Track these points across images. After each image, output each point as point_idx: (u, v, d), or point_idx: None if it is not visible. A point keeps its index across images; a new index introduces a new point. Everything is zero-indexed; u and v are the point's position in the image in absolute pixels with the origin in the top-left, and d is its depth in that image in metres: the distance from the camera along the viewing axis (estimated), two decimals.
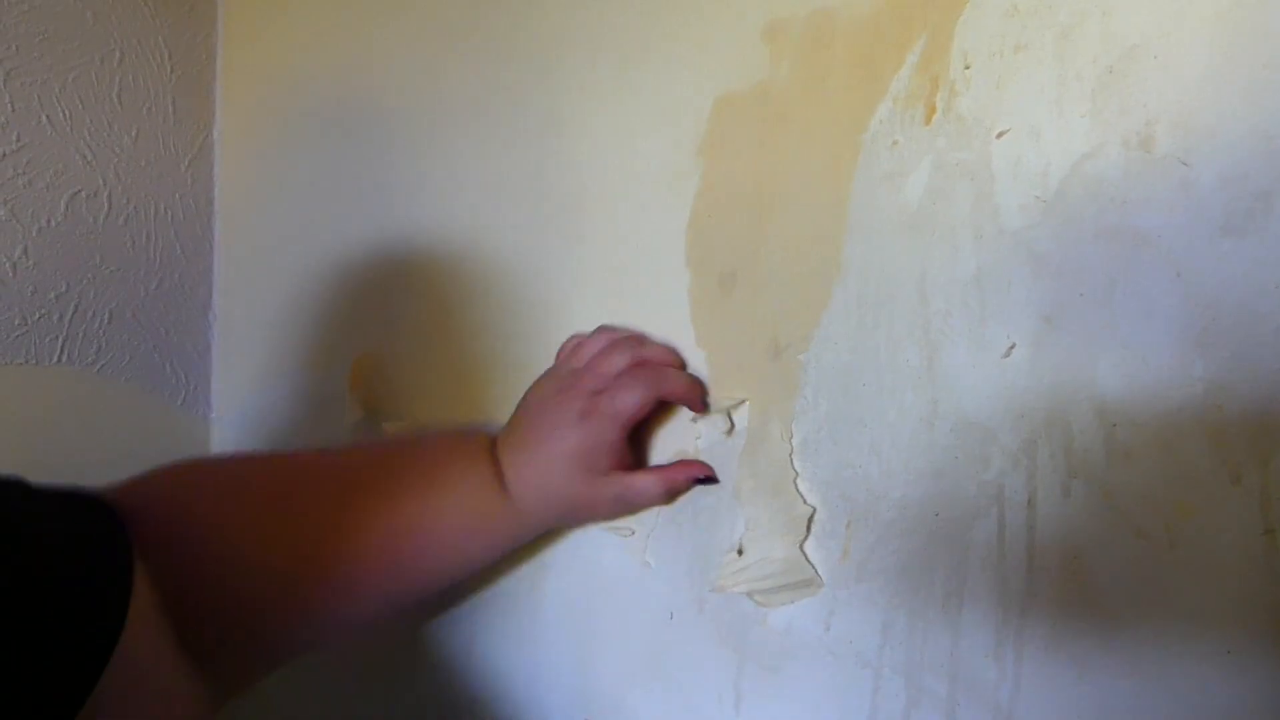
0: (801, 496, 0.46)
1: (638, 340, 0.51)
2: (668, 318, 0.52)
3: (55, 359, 0.71)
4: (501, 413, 0.60)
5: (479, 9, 0.62)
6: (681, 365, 0.51)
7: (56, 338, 0.71)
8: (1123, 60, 0.37)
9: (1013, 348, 0.40)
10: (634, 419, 0.48)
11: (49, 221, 0.68)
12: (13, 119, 0.65)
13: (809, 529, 0.46)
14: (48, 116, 0.67)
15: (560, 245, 0.57)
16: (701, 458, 0.50)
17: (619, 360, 0.50)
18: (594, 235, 0.55)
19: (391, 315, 0.66)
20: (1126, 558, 0.37)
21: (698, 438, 0.50)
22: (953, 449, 0.41)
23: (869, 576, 0.44)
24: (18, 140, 0.65)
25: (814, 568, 0.46)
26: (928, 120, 0.42)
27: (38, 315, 0.69)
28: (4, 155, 0.65)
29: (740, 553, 0.48)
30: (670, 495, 0.51)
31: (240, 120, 0.81)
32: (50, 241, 0.69)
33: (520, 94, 0.60)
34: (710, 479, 0.50)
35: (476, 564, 0.53)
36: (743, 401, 0.49)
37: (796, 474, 0.46)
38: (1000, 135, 0.40)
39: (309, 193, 0.75)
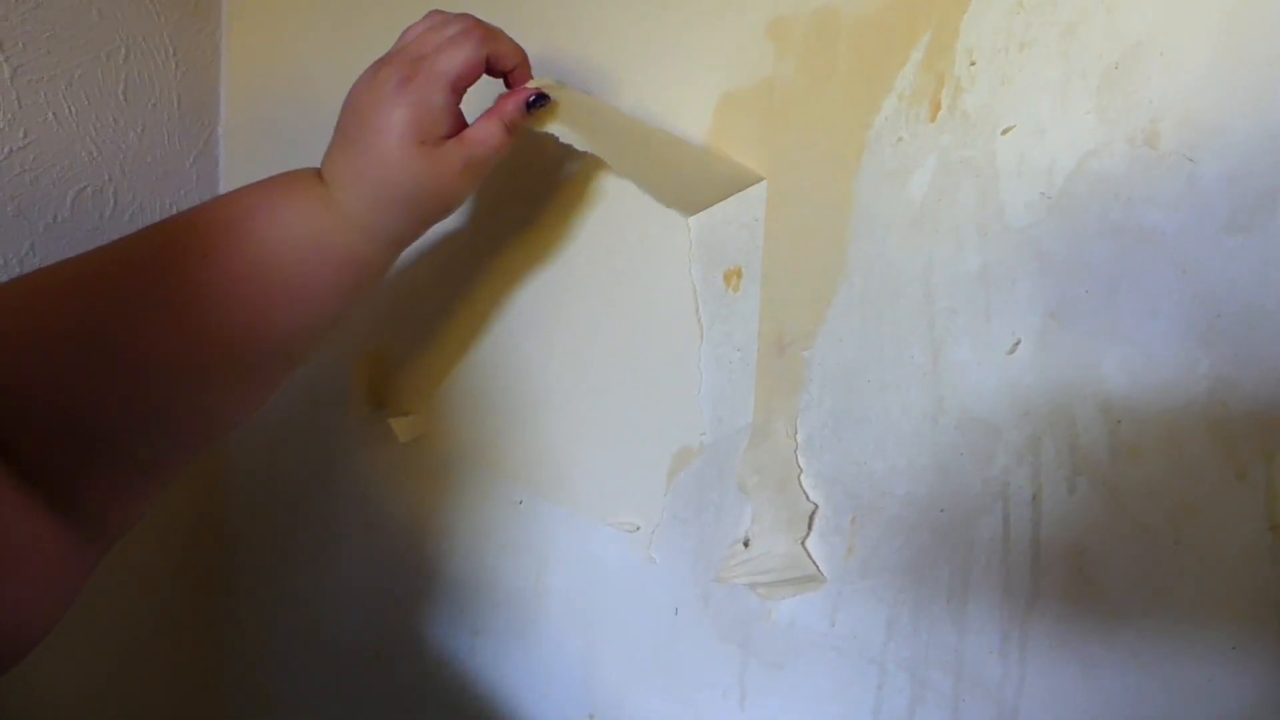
0: (805, 493, 0.46)
1: (472, 18, 0.46)
2: (673, 315, 0.52)
3: None
4: (503, 413, 0.60)
5: (481, 8, 0.62)
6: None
7: None
8: (1128, 57, 0.37)
9: (1018, 344, 0.40)
10: (462, 77, 0.43)
11: (55, 217, 0.68)
12: (19, 115, 0.65)
13: (810, 525, 0.46)
14: (54, 113, 0.67)
15: (564, 243, 0.57)
16: (707, 453, 0.50)
17: (449, 29, 0.45)
18: (598, 232, 0.55)
19: (396, 313, 0.66)
20: (1131, 554, 0.37)
21: (702, 433, 0.50)
22: (957, 445, 0.41)
23: (874, 572, 0.44)
24: (24, 136, 0.65)
25: (815, 564, 0.46)
26: (933, 117, 0.42)
27: None
28: (11, 152, 0.65)
29: (746, 544, 0.48)
30: (510, 128, 0.46)
31: (245, 117, 0.81)
32: (57, 237, 0.69)
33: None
34: (541, 97, 0.45)
35: (327, 305, 0.46)
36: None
37: (800, 470, 0.47)
38: (1005, 132, 0.40)
39: None
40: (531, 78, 0.47)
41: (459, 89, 0.44)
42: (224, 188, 0.82)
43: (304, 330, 0.46)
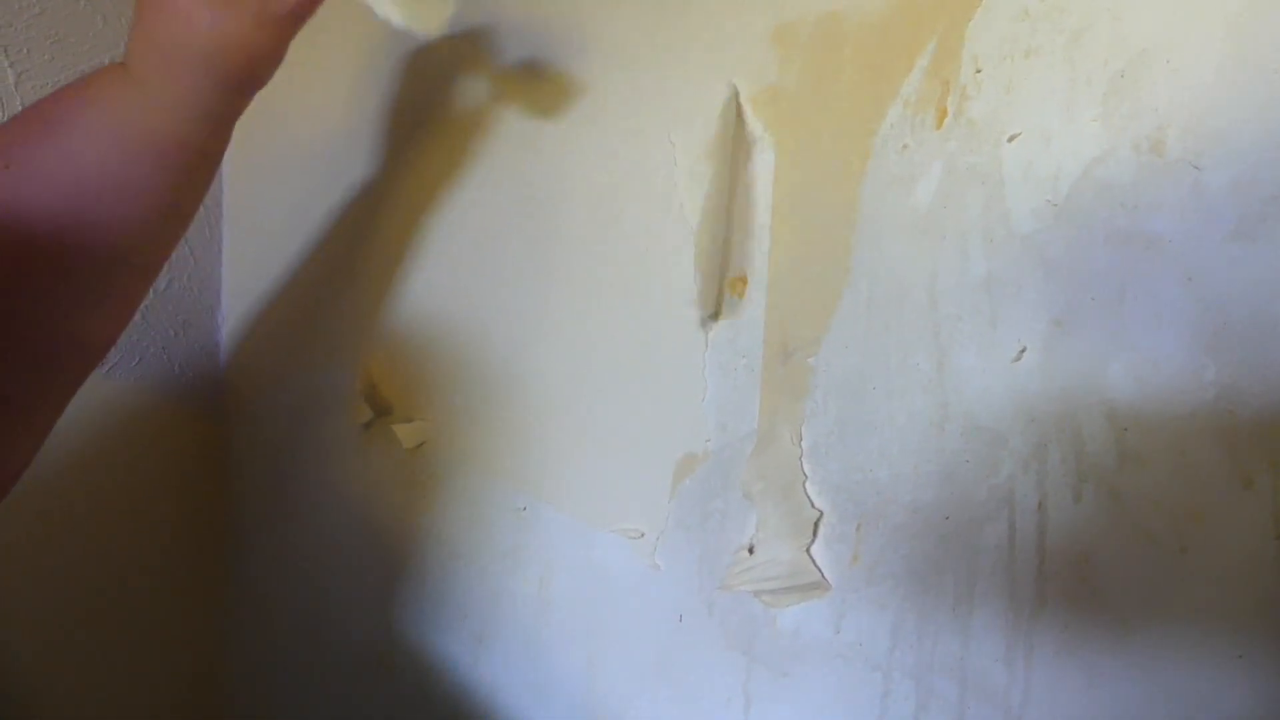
0: (809, 500, 0.46)
1: None
2: (677, 322, 0.52)
3: None
4: (507, 419, 0.60)
5: (487, 9, 0.62)
6: None
7: None
8: (1134, 64, 0.37)
9: (1023, 352, 0.40)
10: None
11: None
12: None
13: (815, 533, 0.46)
14: None
15: (568, 248, 0.57)
16: (711, 460, 0.50)
17: None
18: (603, 238, 0.55)
19: (401, 317, 0.66)
20: (1137, 562, 0.37)
21: (707, 440, 0.50)
22: (963, 453, 0.41)
23: (879, 580, 0.44)
24: None
25: (820, 571, 0.46)
26: (938, 124, 0.42)
27: None
28: None
29: (750, 551, 0.48)
30: None
31: (247, 120, 0.81)
32: None
33: (525, 97, 0.60)
34: None
35: (155, 199, 0.44)
36: None
37: (805, 477, 0.47)
38: (1011, 139, 0.40)
39: (315, 193, 0.75)
40: None
41: None
42: (225, 189, 0.82)
43: (136, 228, 0.44)
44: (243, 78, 0.45)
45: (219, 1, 0.40)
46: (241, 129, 0.47)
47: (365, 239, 0.71)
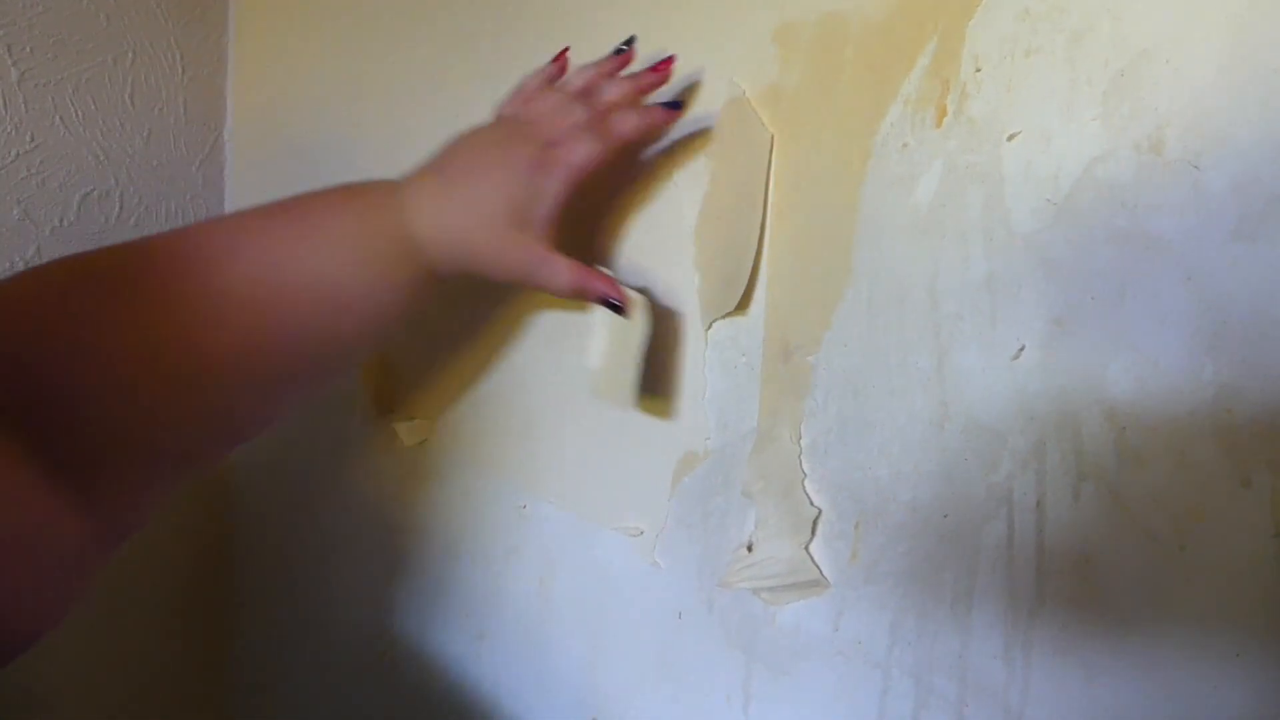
0: (809, 498, 0.46)
1: (593, 89, 0.47)
2: (680, 319, 0.52)
3: None
4: (508, 417, 0.60)
5: (488, 12, 0.62)
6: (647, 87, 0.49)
7: None
8: (1134, 64, 0.37)
9: (1023, 350, 0.40)
10: (586, 171, 0.45)
11: (62, 221, 0.69)
12: (26, 119, 0.65)
13: (814, 531, 0.46)
14: (61, 117, 0.68)
15: (567, 247, 0.57)
16: (712, 458, 0.50)
17: (578, 113, 0.46)
18: (601, 237, 0.55)
19: None
20: (1136, 561, 0.37)
21: (707, 438, 0.50)
22: (962, 451, 0.41)
23: (878, 578, 0.44)
24: (31, 140, 0.66)
25: (818, 569, 0.46)
26: (939, 123, 0.42)
27: None
28: (18, 155, 0.65)
29: (750, 549, 0.48)
30: (574, 292, 0.47)
31: (251, 121, 0.81)
32: (63, 241, 0.69)
33: None
34: (618, 308, 0.47)
35: (369, 325, 0.46)
36: None
37: (805, 475, 0.47)
38: (1011, 138, 0.40)
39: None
40: (667, 116, 0.48)
41: (579, 180, 0.45)
42: (230, 192, 0.82)
43: (339, 345, 0.46)
44: (488, 276, 0.48)
45: (514, 236, 0.45)
46: (247, 132, 0.47)
47: None
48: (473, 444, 0.63)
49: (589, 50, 0.51)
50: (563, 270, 0.46)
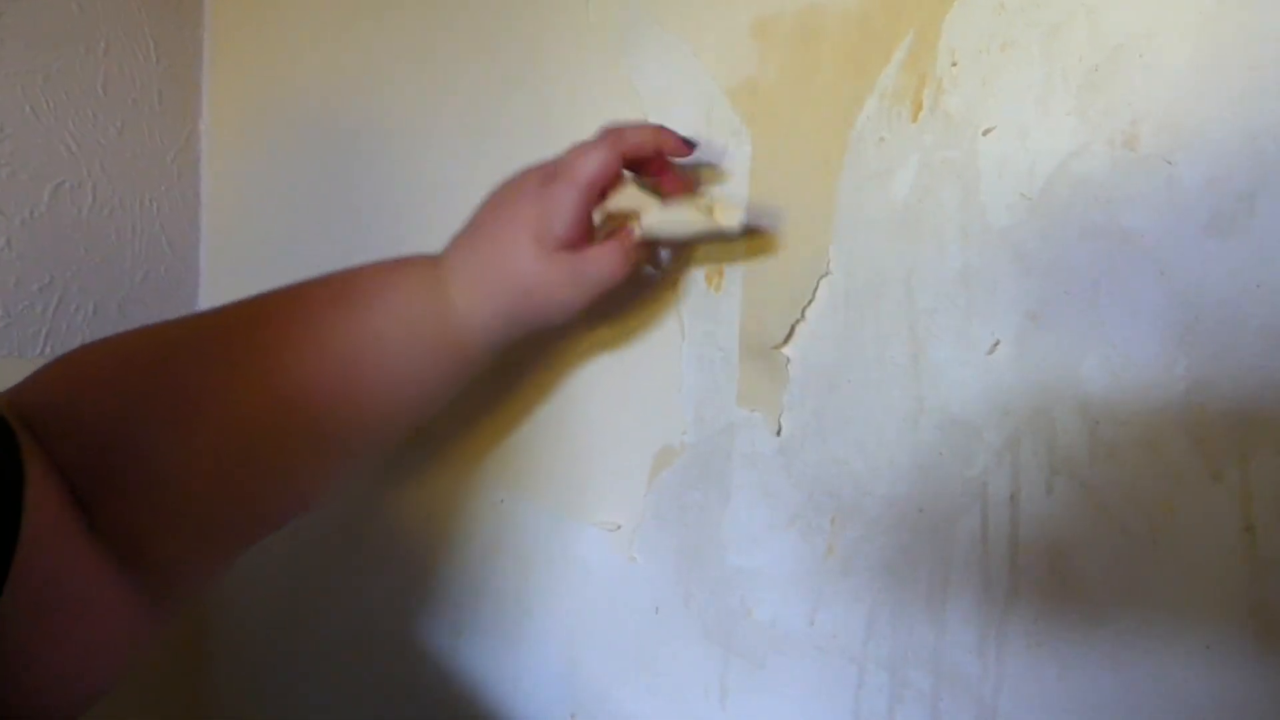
0: (786, 492, 0.46)
1: (611, 127, 0.46)
2: (657, 313, 0.52)
3: (39, 351, 0.70)
4: (485, 411, 0.60)
5: (468, 8, 0.61)
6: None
7: (40, 330, 0.70)
8: (1109, 59, 0.37)
9: (998, 345, 0.40)
10: (595, 180, 0.44)
11: (32, 213, 0.68)
12: None
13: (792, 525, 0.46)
14: (31, 107, 0.67)
15: None
16: (689, 452, 0.50)
17: (591, 139, 0.45)
18: None
19: None
20: (1108, 554, 0.37)
21: (684, 432, 0.50)
22: (937, 445, 0.42)
23: (854, 572, 0.44)
24: (1, 131, 0.65)
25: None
26: (914, 117, 0.42)
27: (21, 307, 0.69)
28: None
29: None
30: (627, 264, 0.46)
31: (226, 113, 0.81)
32: (34, 233, 0.68)
33: (507, 92, 0.59)
34: (655, 261, 0.47)
35: (422, 392, 0.48)
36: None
37: (782, 469, 0.47)
38: (987, 133, 0.40)
39: (296, 186, 0.74)
40: (678, 144, 0.46)
41: (592, 191, 0.44)
42: (205, 185, 0.82)
43: (396, 413, 0.47)
44: (541, 320, 0.48)
45: (545, 254, 0.44)
46: (222, 124, 0.47)
47: (349, 231, 0.71)
48: (450, 439, 0.62)
49: (570, 44, 0.51)
50: (605, 255, 0.45)
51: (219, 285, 0.82)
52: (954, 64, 0.41)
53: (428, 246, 0.55)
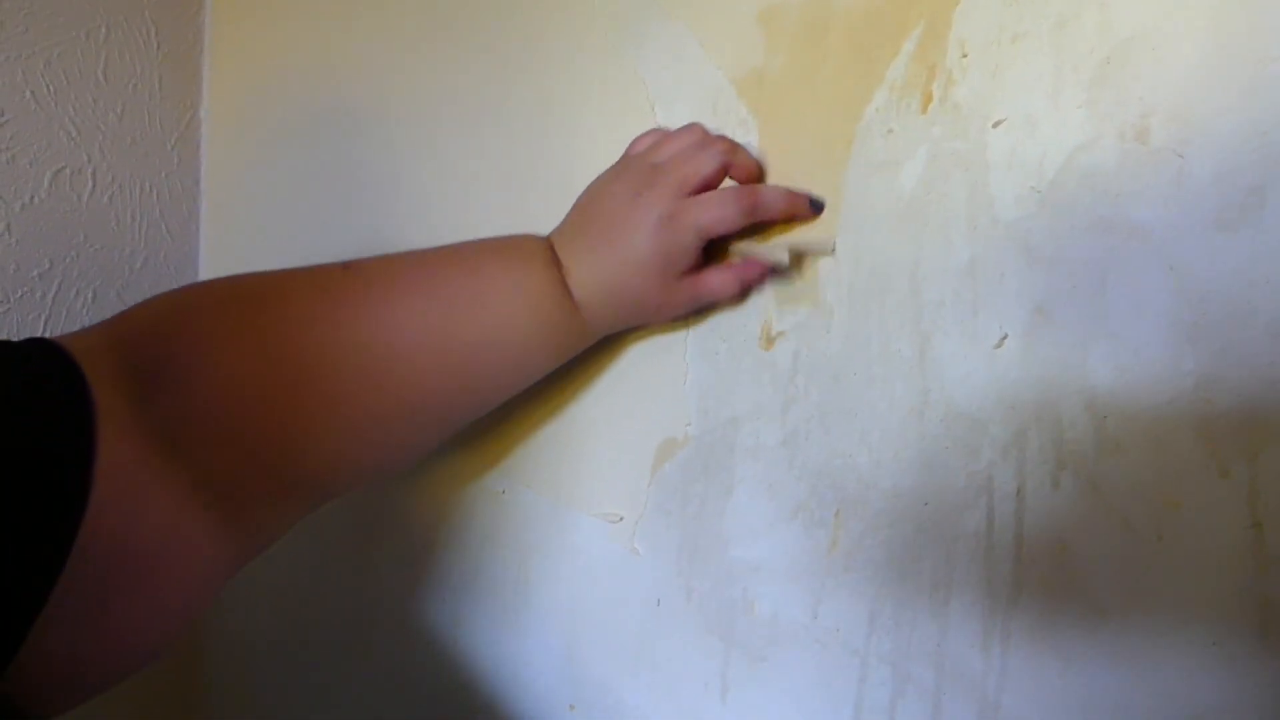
0: (789, 485, 0.46)
1: (729, 144, 0.47)
2: None
3: None
4: (506, 403, 0.59)
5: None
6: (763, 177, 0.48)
7: (39, 316, 0.70)
8: (1119, 52, 0.37)
9: (1004, 339, 0.40)
10: (718, 232, 0.45)
11: (32, 198, 0.67)
12: None
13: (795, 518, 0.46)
14: (32, 92, 0.66)
15: (547, 231, 0.56)
16: (692, 444, 0.50)
17: (707, 162, 0.45)
18: None
19: None
20: (1114, 550, 0.37)
21: (687, 424, 0.50)
22: (942, 439, 0.41)
23: (857, 566, 0.44)
24: (1, 115, 0.64)
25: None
26: (923, 109, 0.42)
27: (20, 293, 0.68)
28: None
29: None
30: (744, 291, 0.48)
31: (227, 99, 0.80)
32: (33, 218, 0.68)
33: (509, 80, 0.59)
34: (778, 268, 0.47)
35: (534, 375, 0.50)
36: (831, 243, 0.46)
37: (785, 463, 0.46)
38: (996, 125, 0.40)
39: (296, 173, 0.74)
40: (810, 212, 0.46)
41: (709, 238, 0.45)
42: (206, 171, 0.81)
43: (502, 395, 0.50)
44: (646, 324, 0.51)
45: (669, 284, 0.46)
46: (223, 110, 0.47)
47: (349, 216, 0.70)
48: None
49: (572, 34, 0.51)
50: (723, 283, 0.47)
51: (218, 272, 0.81)
52: (964, 55, 0.41)
53: (428, 233, 0.55)
